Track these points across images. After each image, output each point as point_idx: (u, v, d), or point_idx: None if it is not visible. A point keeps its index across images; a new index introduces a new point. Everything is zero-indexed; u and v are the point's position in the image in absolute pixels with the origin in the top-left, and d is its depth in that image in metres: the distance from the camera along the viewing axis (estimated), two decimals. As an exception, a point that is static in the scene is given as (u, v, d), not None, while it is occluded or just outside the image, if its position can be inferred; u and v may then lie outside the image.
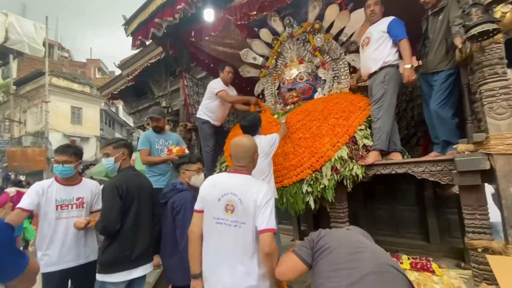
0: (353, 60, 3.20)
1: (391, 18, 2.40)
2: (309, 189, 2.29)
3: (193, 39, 4.02)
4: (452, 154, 2.08)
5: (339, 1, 3.06)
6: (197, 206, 1.54)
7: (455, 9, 1.96)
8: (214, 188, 1.49)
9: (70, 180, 1.97)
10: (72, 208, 1.94)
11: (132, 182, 1.84)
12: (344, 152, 2.25)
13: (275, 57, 3.65)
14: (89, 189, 2.08)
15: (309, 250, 1.18)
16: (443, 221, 4.65)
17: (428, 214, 4.72)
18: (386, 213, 4.40)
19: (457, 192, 4.11)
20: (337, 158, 2.25)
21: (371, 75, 2.44)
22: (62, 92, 17.02)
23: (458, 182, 1.81)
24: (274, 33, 3.66)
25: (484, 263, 1.75)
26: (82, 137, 17.73)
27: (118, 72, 11.38)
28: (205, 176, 3.25)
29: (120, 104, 23.79)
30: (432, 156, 2.21)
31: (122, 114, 25.10)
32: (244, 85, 4.45)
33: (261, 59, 3.82)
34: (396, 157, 2.31)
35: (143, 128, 11.82)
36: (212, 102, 3.39)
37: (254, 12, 3.26)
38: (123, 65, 9.99)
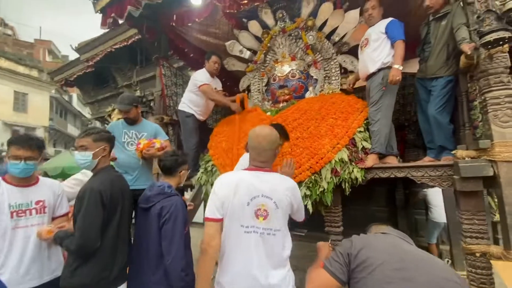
0: (344, 61, 3.17)
1: (389, 19, 2.38)
2: (308, 192, 2.16)
3: (173, 24, 3.65)
4: (448, 159, 2.12)
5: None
6: (212, 214, 1.25)
7: (460, 15, 1.98)
8: (237, 190, 1.24)
9: (25, 180, 1.55)
10: (31, 214, 1.52)
11: (116, 187, 1.50)
12: (344, 154, 2.16)
13: (264, 51, 3.46)
14: (50, 189, 1.65)
15: (342, 266, 1.03)
16: (411, 221, 4.95)
17: (398, 214, 4.99)
18: (360, 213, 4.50)
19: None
20: (337, 160, 2.15)
21: (369, 77, 2.39)
22: (3, 74, 14.76)
23: (459, 187, 1.81)
24: (264, 26, 3.47)
25: (481, 267, 1.78)
26: (27, 126, 15.59)
27: (73, 56, 10.18)
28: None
29: (74, 93, 21.54)
30: (426, 161, 2.22)
31: (77, 104, 22.74)
32: (224, 80, 4.16)
33: (248, 52, 3.60)
34: (392, 161, 2.29)
35: (102, 119, 10.74)
36: (196, 95, 3.08)
37: (245, 1, 3.04)
38: (81, 49, 8.92)
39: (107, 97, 10.27)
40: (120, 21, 3.18)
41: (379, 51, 2.30)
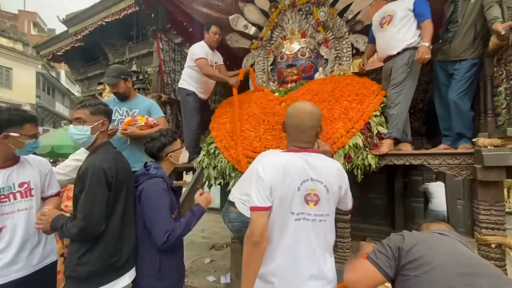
0: (356, 41, 2.98)
1: None
2: (318, 178, 2.04)
3: (172, -7, 3.35)
4: (466, 147, 2.02)
5: (350, -28, 2.75)
6: (261, 201, 1.08)
7: (492, -8, 1.81)
8: (286, 174, 1.09)
9: (2, 160, 1.35)
10: (15, 198, 1.34)
11: (120, 165, 1.33)
12: (359, 139, 2.04)
13: (271, 27, 3.22)
14: (36, 169, 1.46)
15: (391, 260, 0.93)
16: (408, 209, 4.99)
17: (396, 202, 5.01)
18: (359, 201, 4.48)
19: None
20: (351, 145, 2.03)
21: (390, 57, 2.23)
22: (-16, 46, 13.87)
23: (481, 177, 1.73)
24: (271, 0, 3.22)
25: (495, 259, 1.74)
26: (11, 103, 14.87)
27: (60, 30, 9.53)
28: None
29: (63, 69, 20.58)
30: (441, 148, 2.13)
31: (65, 81, 21.82)
32: (224, 58, 3.87)
33: (253, 28, 3.36)
34: (407, 148, 2.18)
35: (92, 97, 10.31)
36: (195, 70, 2.86)
37: (253, -32, 2.78)
38: (69, 21, 8.35)
39: (98, 75, 9.78)
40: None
41: (405, 29, 2.13)
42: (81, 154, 1.96)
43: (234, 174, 2.35)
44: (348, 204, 1.28)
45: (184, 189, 2.57)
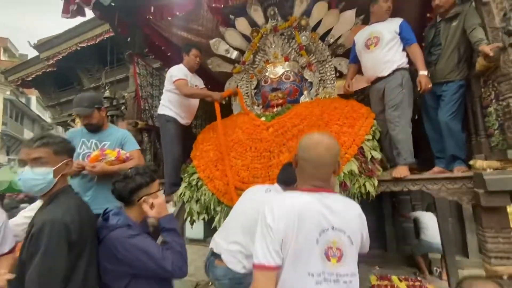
0: (339, 64, 2.97)
1: (400, 19, 2.23)
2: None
3: (150, 17, 3.23)
4: (461, 169, 1.96)
5: (329, -1, 2.78)
6: (268, 258, 0.85)
7: (473, 16, 1.85)
8: (301, 222, 0.87)
9: None
10: None
11: (84, 217, 1.07)
12: (354, 166, 1.91)
13: (253, 51, 3.16)
14: None
15: None
16: (399, 230, 4.88)
17: (385, 222, 4.89)
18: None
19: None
20: (346, 172, 1.89)
21: (380, 79, 2.19)
22: None
23: (485, 202, 1.63)
24: (253, 24, 3.18)
25: (510, 292, 1.60)
26: (-27, 132, 13.75)
27: (33, 55, 9.10)
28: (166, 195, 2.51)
29: (33, 95, 19.62)
30: (436, 171, 2.05)
31: (36, 107, 20.74)
32: (204, 82, 3.75)
33: (235, 52, 3.29)
34: (404, 171, 2.08)
35: (65, 124, 9.70)
36: (174, 94, 2.67)
37: (235, -5, 2.74)
38: (41, 46, 8.02)
39: (71, 100, 9.28)
40: (87, 9, 2.70)
41: (393, 51, 2.13)
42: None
43: (219, 208, 2.12)
44: (366, 247, 1.05)
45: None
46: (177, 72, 2.62)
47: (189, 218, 2.27)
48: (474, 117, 2.00)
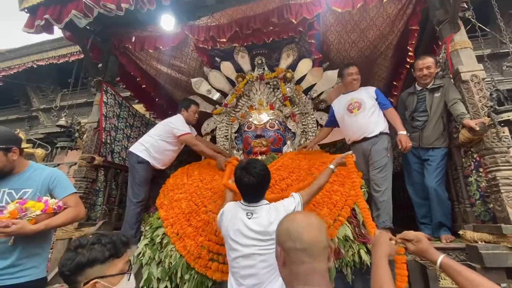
0: (321, 118, 3.02)
1: (372, 87, 2.44)
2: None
3: (129, 46, 3.02)
4: (448, 238, 1.92)
5: (315, 57, 2.91)
6: None
7: (453, 90, 2.00)
8: None
9: None
10: None
11: None
12: (348, 230, 1.73)
13: (237, 95, 3.08)
14: None
15: None
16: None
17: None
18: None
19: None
20: (340, 237, 1.70)
21: (367, 139, 2.20)
22: None
23: (483, 280, 1.53)
24: (238, 69, 3.16)
25: None
26: None
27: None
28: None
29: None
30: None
31: (-37, 123, 17.75)
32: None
33: (217, 94, 3.18)
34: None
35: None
36: (164, 142, 2.43)
37: (224, 40, 2.72)
38: (-11, 57, 7.09)
39: (13, 120, 8.16)
40: (57, 27, 2.39)
41: (376, 115, 2.24)
42: None
43: (188, 276, 1.71)
44: None
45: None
46: (182, 125, 2.45)
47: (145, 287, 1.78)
48: (455, 185, 2.05)
